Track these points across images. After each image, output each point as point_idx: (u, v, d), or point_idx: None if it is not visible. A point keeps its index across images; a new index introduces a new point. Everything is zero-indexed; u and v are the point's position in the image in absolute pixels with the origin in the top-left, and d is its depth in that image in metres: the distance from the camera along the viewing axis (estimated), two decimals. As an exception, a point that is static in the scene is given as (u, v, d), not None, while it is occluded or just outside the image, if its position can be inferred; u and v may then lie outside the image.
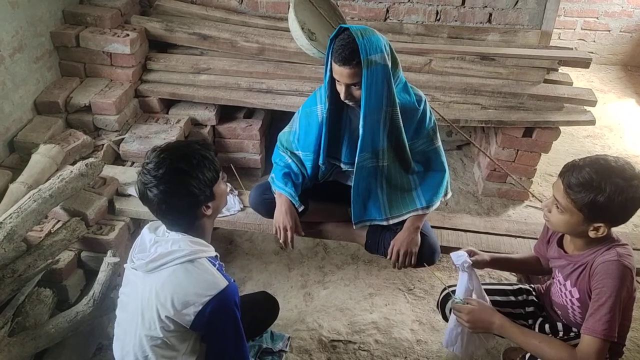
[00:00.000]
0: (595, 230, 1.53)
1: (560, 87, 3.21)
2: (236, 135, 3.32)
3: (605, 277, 1.51)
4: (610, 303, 1.48)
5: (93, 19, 3.08)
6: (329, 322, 2.49)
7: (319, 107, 2.08)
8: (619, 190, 1.43)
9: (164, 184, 1.43)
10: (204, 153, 1.51)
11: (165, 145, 1.53)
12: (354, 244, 2.63)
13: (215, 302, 1.44)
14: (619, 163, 1.48)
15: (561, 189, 1.52)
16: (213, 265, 1.51)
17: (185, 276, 1.45)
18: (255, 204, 2.32)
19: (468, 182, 3.60)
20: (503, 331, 1.68)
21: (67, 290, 2.29)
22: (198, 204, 1.52)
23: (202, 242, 1.56)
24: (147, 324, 1.46)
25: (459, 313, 1.74)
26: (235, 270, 2.77)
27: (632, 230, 3.17)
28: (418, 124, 2.08)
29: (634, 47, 5.61)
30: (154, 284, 1.47)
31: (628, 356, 2.36)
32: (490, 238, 2.42)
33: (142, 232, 1.62)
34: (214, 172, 1.53)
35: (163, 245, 1.52)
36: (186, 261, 1.47)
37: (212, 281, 1.47)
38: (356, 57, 1.81)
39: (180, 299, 1.43)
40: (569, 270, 1.68)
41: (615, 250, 1.56)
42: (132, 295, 1.54)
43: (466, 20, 3.41)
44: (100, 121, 2.98)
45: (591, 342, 1.50)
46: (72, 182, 2.23)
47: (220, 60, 3.30)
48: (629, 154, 4.02)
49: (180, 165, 1.46)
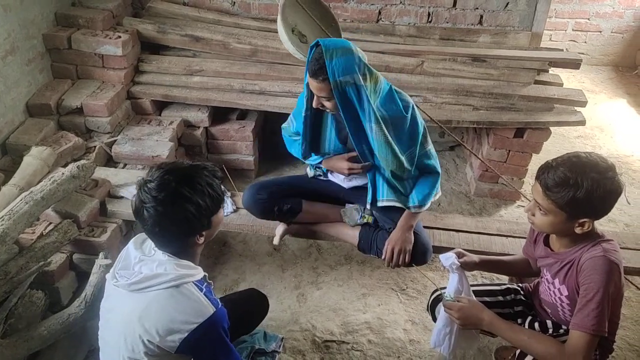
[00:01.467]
0: (581, 226, 1.55)
1: (550, 88, 3.24)
2: (229, 136, 3.32)
3: (593, 273, 1.53)
4: (598, 298, 1.50)
5: (85, 21, 3.08)
6: (322, 322, 2.50)
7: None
8: (596, 184, 1.45)
9: (162, 207, 1.38)
10: (210, 181, 1.45)
11: (171, 165, 1.46)
12: (347, 245, 2.64)
13: (201, 330, 1.40)
14: (592, 158, 1.50)
15: (540, 192, 1.54)
16: (200, 290, 1.45)
17: (170, 303, 1.40)
18: (248, 204, 2.33)
19: (460, 182, 3.62)
20: (492, 327, 1.70)
21: (59, 292, 2.29)
22: (192, 232, 1.47)
23: (189, 265, 1.50)
24: (129, 346, 1.42)
25: (449, 310, 1.75)
26: (228, 272, 2.78)
27: (623, 229, 3.20)
28: (410, 131, 2.09)
29: (625, 48, 5.66)
30: (136, 306, 1.42)
31: (619, 354, 2.38)
32: (481, 238, 2.44)
33: (127, 247, 1.55)
34: (216, 201, 1.47)
35: (148, 265, 1.46)
36: (172, 286, 1.41)
37: (198, 308, 1.41)
38: (323, 74, 1.86)
39: (164, 325, 1.39)
40: (556, 268, 1.69)
41: (601, 245, 1.57)
42: (114, 312, 1.50)
43: (457, 21, 3.43)
44: (92, 123, 2.98)
45: (580, 337, 1.51)
46: (63, 184, 2.23)
47: (212, 61, 3.31)
48: (620, 153, 4.05)
49: (182, 190, 1.39)
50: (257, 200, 2.28)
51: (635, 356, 2.39)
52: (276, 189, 2.32)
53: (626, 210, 3.36)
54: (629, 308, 2.63)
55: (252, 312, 2.12)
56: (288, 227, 2.40)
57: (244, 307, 2.04)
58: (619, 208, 3.28)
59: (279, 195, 2.29)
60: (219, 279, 2.72)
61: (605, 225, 3.13)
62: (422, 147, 2.14)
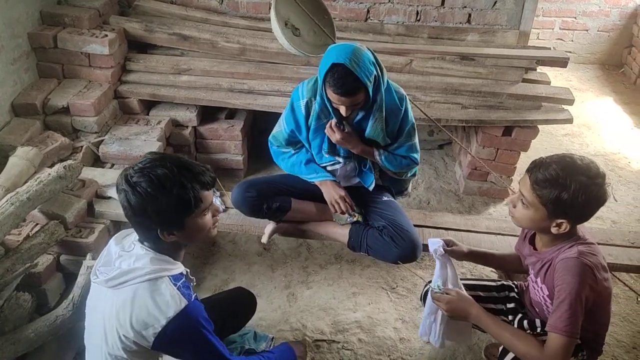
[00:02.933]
0: (558, 227, 1.56)
1: (538, 86, 3.26)
2: (218, 136, 3.31)
3: (564, 274, 1.54)
4: (569, 300, 1.50)
5: (71, 19, 3.05)
6: (312, 322, 2.49)
7: (302, 102, 2.16)
8: (582, 188, 1.46)
9: (130, 194, 1.37)
10: (184, 180, 1.39)
11: (161, 155, 1.44)
12: (337, 244, 2.64)
13: (175, 324, 1.39)
14: (585, 161, 1.52)
15: (528, 184, 1.56)
16: (174, 284, 1.44)
17: (144, 296, 1.39)
18: (237, 202, 2.32)
19: (450, 181, 3.63)
20: (478, 321, 1.71)
21: (46, 294, 2.26)
22: (153, 226, 1.43)
23: (167, 260, 1.48)
24: (109, 342, 1.42)
25: (438, 302, 1.76)
26: (218, 272, 2.76)
27: (611, 226, 3.22)
28: (401, 122, 2.18)
29: (612, 46, 5.71)
30: (115, 302, 1.42)
31: (607, 351, 2.40)
32: (471, 236, 2.44)
33: (109, 243, 1.55)
34: (184, 203, 1.40)
35: (127, 260, 1.45)
36: (146, 280, 1.41)
37: (170, 303, 1.40)
38: (359, 87, 1.92)
39: (138, 320, 1.38)
40: (538, 267, 1.71)
41: (577, 248, 1.58)
42: (96, 310, 1.50)
43: (446, 20, 3.44)
44: (79, 123, 2.95)
45: (555, 339, 1.52)
46: (50, 185, 2.21)
47: (201, 60, 3.29)
48: (607, 151, 4.09)
49: (152, 181, 1.36)
50: (246, 197, 2.27)
51: (623, 352, 2.41)
52: (265, 187, 2.31)
53: (613, 207, 3.39)
54: (616, 305, 2.65)
55: (239, 311, 2.12)
56: (277, 225, 2.39)
57: (231, 306, 2.03)
58: (606, 205, 3.28)
59: (268, 193, 2.28)
60: (209, 279, 2.71)
61: (592, 223, 3.12)
62: (410, 139, 2.23)
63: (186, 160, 1.45)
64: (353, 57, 1.89)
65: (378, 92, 2.04)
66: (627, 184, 3.68)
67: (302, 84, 2.20)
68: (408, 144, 2.23)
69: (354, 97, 1.95)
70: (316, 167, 2.29)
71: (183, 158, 1.46)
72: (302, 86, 2.19)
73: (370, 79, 1.93)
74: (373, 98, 2.04)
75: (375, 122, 2.10)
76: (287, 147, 2.36)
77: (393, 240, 2.17)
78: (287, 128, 2.27)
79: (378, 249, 2.21)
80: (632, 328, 2.54)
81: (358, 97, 1.96)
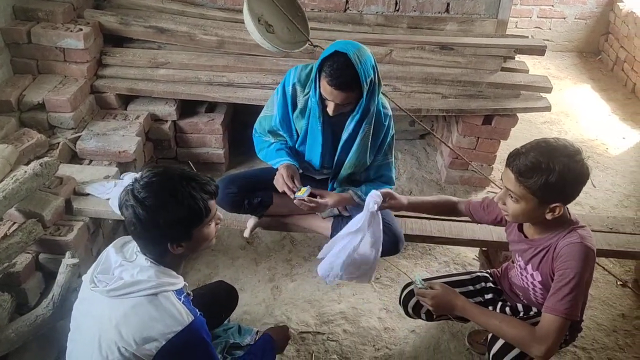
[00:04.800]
0: (552, 212, 1.57)
1: (517, 74, 3.28)
2: (198, 130, 3.28)
3: (570, 259, 1.55)
4: (574, 284, 1.52)
5: (45, 14, 2.98)
6: (297, 314, 2.50)
7: (290, 85, 2.09)
8: (567, 168, 1.47)
9: (139, 208, 1.36)
10: (194, 193, 1.40)
11: (163, 168, 1.44)
12: (320, 236, 2.63)
13: (178, 339, 1.38)
14: (560, 142, 1.53)
15: (512, 179, 1.55)
16: (179, 299, 1.44)
17: (148, 310, 1.38)
18: (218, 198, 2.28)
19: (431, 170, 3.65)
20: (465, 313, 1.72)
21: (26, 293, 2.23)
22: (165, 240, 1.43)
23: (171, 274, 1.48)
24: (104, 353, 1.39)
25: (422, 298, 1.77)
26: (201, 267, 2.75)
27: (589, 212, 3.27)
28: (382, 139, 2.14)
29: (589, 34, 5.77)
30: (113, 312, 1.39)
31: (588, 334, 2.45)
32: (452, 225, 2.46)
33: (107, 250, 1.52)
34: (195, 214, 1.42)
35: (129, 270, 1.43)
36: (151, 294, 1.39)
37: (177, 317, 1.39)
38: (354, 83, 1.84)
39: (142, 334, 1.36)
40: (530, 254, 1.71)
41: (577, 232, 1.60)
42: (89, 317, 1.46)
43: (425, 10, 3.43)
44: (55, 119, 2.90)
45: (552, 321, 1.54)
46: (26, 183, 2.17)
47: (179, 54, 3.25)
48: (585, 138, 4.14)
49: (162, 195, 1.37)
50: (227, 194, 2.25)
51: (603, 335, 2.46)
52: (246, 182, 2.29)
53: (592, 193, 3.44)
54: (596, 289, 2.70)
55: (221, 304, 2.10)
56: (259, 220, 2.38)
57: (212, 300, 2.02)
58: (585, 191, 3.32)
59: (249, 188, 2.27)
60: (191, 274, 2.69)
61: (571, 209, 3.18)
62: (386, 157, 2.21)
63: (190, 171, 1.47)
64: (357, 52, 1.83)
65: (372, 100, 1.97)
66: (605, 169, 3.74)
67: (295, 68, 2.12)
68: (385, 162, 2.22)
69: (346, 94, 1.87)
70: (282, 153, 2.20)
71: (185, 169, 1.47)
72: (296, 70, 2.10)
73: (367, 81, 1.86)
74: (367, 106, 1.97)
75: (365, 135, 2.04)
76: (268, 135, 2.27)
77: (375, 233, 2.17)
78: (278, 114, 2.17)
79: (360, 241, 2.21)
80: (612, 312, 2.59)
81: (350, 96, 1.89)
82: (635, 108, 4.68)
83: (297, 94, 2.08)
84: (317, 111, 2.02)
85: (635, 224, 2.49)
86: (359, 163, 2.13)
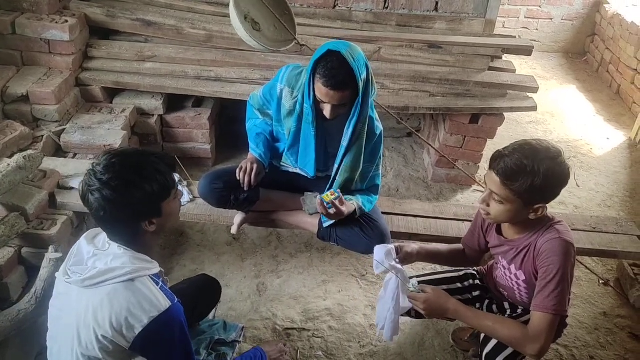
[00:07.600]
0: (535, 212, 1.58)
1: (504, 74, 3.31)
2: (185, 124, 3.25)
3: (551, 255, 1.57)
4: (558, 279, 1.54)
5: (30, 4, 2.94)
6: (283, 310, 2.49)
7: (279, 85, 2.09)
8: (550, 170, 1.49)
9: (107, 190, 1.34)
10: (158, 166, 1.42)
11: (120, 149, 1.45)
12: (307, 233, 2.63)
13: (156, 324, 1.37)
14: (542, 144, 1.55)
15: (497, 181, 1.55)
16: (156, 284, 1.43)
17: (125, 296, 1.37)
18: (204, 193, 2.28)
19: (418, 168, 3.67)
20: (457, 315, 1.72)
21: (8, 288, 2.20)
22: (138, 218, 1.43)
23: (146, 259, 1.47)
24: (83, 343, 1.38)
25: (415, 301, 1.76)
26: (186, 263, 2.73)
27: (573, 211, 3.31)
28: (373, 147, 2.14)
29: (575, 34, 5.83)
30: (90, 301, 1.38)
31: (570, 332, 2.47)
32: (439, 223, 2.48)
33: (79, 243, 1.51)
34: (164, 187, 1.43)
35: (102, 259, 1.42)
36: (127, 280, 1.39)
37: (154, 302, 1.39)
38: (349, 81, 1.84)
39: (119, 319, 1.35)
40: (512, 255, 1.73)
41: (555, 228, 1.62)
42: (66, 310, 1.45)
43: (414, 8, 3.44)
44: (39, 111, 2.86)
45: (541, 318, 1.55)
46: (9, 176, 2.14)
47: (166, 47, 3.22)
48: (570, 138, 4.19)
49: (128, 173, 1.37)
50: (213, 189, 2.24)
51: (585, 333, 2.49)
52: (233, 177, 2.27)
53: (575, 193, 3.48)
54: (578, 287, 2.73)
55: (203, 298, 2.10)
56: (246, 215, 2.37)
57: (194, 294, 2.01)
58: (568, 191, 3.40)
59: (236, 183, 2.25)
60: (177, 270, 2.67)
61: (555, 208, 3.23)
62: (377, 168, 2.23)
63: (144, 148, 1.46)
64: (350, 50, 1.84)
65: (366, 99, 1.95)
66: (589, 169, 3.78)
67: (287, 67, 2.10)
68: (377, 173, 2.24)
69: (343, 93, 1.86)
70: (259, 142, 2.23)
71: (139, 148, 1.46)
72: (287, 70, 2.09)
73: (362, 77, 1.85)
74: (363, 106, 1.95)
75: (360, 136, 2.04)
76: (257, 111, 2.30)
77: (362, 230, 2.18)
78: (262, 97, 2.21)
79: (347, 239, 2.22)
80: (594, 310, 2.63)
81: (346, 95, 1.88)
82: (619, 109, 4.74)
83: (283, 97, 2.09)
84: (310, 116, 2.01)
85: (618, 224, 2.53)
86: (354, 166, 2.13)
